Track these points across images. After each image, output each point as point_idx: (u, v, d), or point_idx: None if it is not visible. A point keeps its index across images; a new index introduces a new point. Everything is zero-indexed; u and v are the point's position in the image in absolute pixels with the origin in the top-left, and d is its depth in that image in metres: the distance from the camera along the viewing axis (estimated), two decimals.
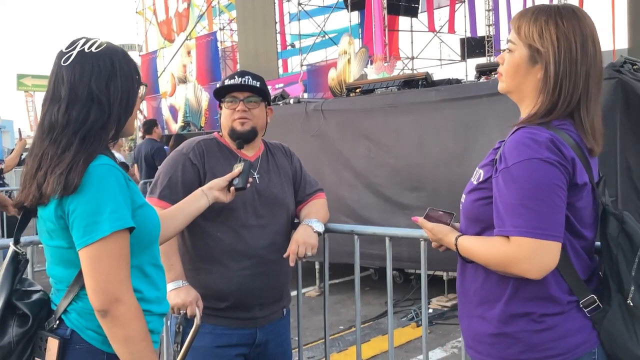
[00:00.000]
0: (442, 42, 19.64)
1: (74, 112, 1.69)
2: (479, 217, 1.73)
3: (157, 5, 23.07)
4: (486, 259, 1.69)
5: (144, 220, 1.76)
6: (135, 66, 1.84)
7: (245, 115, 2.56)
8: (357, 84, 7.73)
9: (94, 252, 1.62)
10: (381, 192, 6.44)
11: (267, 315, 2.61)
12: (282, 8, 19.82)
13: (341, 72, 12.29)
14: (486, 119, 5.56)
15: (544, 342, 1.65)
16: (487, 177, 1.71)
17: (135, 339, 1.66)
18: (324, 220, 2.71)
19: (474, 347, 1.79)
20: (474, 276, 1.77)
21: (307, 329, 5.26)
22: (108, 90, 1.73)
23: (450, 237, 1.83)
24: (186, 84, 20.78)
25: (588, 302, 1.67)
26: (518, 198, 1.59)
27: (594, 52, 1.69)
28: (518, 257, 1.59)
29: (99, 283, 1.62)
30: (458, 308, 1.89)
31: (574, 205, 1.64)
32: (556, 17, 1.68)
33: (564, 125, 1.67)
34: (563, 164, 1.60)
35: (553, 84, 1.67)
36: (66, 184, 1.61)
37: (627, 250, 1.65)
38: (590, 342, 1.67)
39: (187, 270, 2.52)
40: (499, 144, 1.73)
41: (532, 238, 1.57)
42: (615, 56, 8.75)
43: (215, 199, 2.30)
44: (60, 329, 1.72)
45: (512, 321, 1.68)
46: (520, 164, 1.59)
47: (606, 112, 4.90)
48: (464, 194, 1.81)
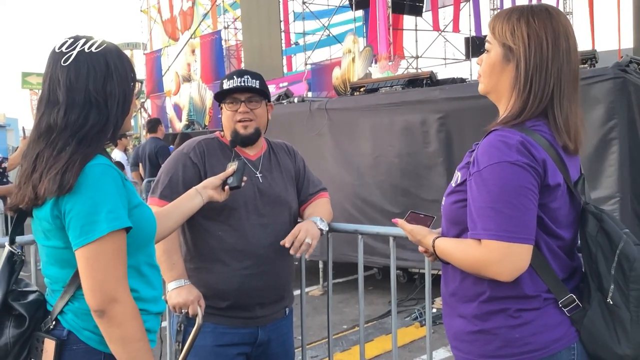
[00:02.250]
0: (447, 41, 19.59)
1: (72, 116, 1.68)
2: (457, 220, 1.75)
3: (161, 3, 23.06)
4: (460, 262, 1.72)
5: (140, 220, 1.75)
6: (130, 63, 1.82)
7: (247, 116, 2.56)
8: (362, 82, 7.71)
9: (91, 252, 1.61)
10: (385, 191, 6.42)
11: (269, 315, 2.60)
12: (286, 7, 19.81)
13: (345, 71, 12.26)
14: (490, 118, 5.52)
15: (522, 337, 1.67)
16: (463, 179, 1.72)
17: (132, 338, 1.65)
18: (328, 220, 2.70)
19: (456, 346, 1.81)
20: (453, 276, 1.80)
21: (311, 328, 5.25)
22: (105, 92, 1.72)
23: (428, 238, 1.85)
24: (190, 83, 20.77)
25: (567, 302, 1.68)
26: (489, 201, 1.61)
27: (567, 49, 1.70)
28: (489, 260, 1.61)
29: (95, 283, 1.61)
30: (442, 308, 1.90)
31: (548, 206, 1.65)
32: (528, 16, 1.71)
33: (537, 127, 1.68)
34: (533, 166, 1.61)
35: (524, 80, 1.69)
36: (61, 184, 1.60)
37: (606, 249, 1.65)
38: (569, 337, 1.68)
39: (188, 269, 2.51)
40: (475, 146, 1.74)
41: (501, 241, 1.59)
42: (620, 55, 8.71)
43: (209, 197, 2.28)
44: (56, 329, 1.71)
45: (489, 318, 1.70)
46: (491, 167, 1.61)
47: (612, 111, 4.94)
48: (444, 196, 1.83)
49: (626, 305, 1.63)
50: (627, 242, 1.63)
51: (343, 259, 5.86)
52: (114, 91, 1.74)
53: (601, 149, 4.95)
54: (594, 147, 4.88)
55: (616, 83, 4.90)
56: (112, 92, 1.73)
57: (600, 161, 4.93)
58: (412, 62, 19.24)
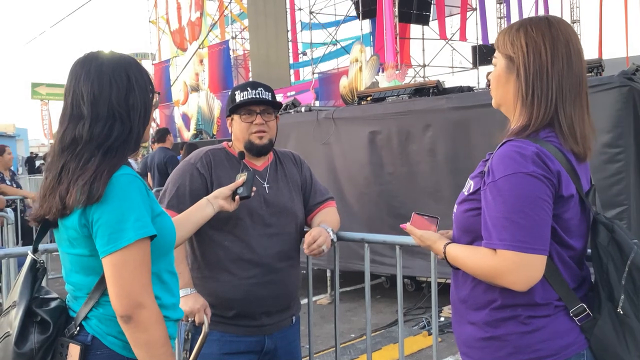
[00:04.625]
0: (454, 50, 19.63)
1: (97, 129, 1.73)
2: (470, 228, 1.76)
3: (170, 14, 23.22)
4: (473, 269, 1.73)
5: (162, 228, 1.79)
6: (148, 75, 1.88)
7: (263, 128, 2.59)
8: (369, 92, 7.72)
9: (119, 259, 1.65)
10: (392, 199, 6.43)
11: (275, 323, 2.61)
12: (294, 17, 19.91)
13: (352, 80, 12.29)
14: (498, 127, 5.53)
15: (532, 343, 1.68)
16: (476, 188, 1.73)
17: (157, 343, 1.69)
18: (336, 229, 2.71)
19: (466, 352, 1.82)
20: (463, 283, 1.81)
21: (318, 336, 5.25)
22: (127, 104, 1.77)
23: (439, 244, 1.86)
24: (198, 92, 20.88)
25: (578, 311, 1.69)
26: (504, 212, 1.62)
27: (567, 53, 1.71)
28: (504, 269, 1.62)
29: (122, 289, 1.65)
30: (452, 315, 1.91)
31: (561, 216, 1.67)
32: (527, 26, 1.75)
33: (550, 137, 1.70)
34: (548, 177, 1.62)
35: (525, 87, 1.72)
36: (90, 194, 1.64)
37: (617, 259, 1.66)
38: (579, 343, 1.69)
39: (195, 277, 2.54)
40: (488, 155, 1.76)
41: (516, 252, 1.60)
42: (628, 63, 8.69)
43: (220, 207, 2.32)
44: (80, 335, 1.74)
45: (500, 324, 1.71)
46: (507, 178, 1.62)
47: (617, 119, 4.93)
48: (456, 204, 1.84)
49: (636, 315, 1.65)
50: (637, 253, 1.65)
51: (350, 267, 5.87)
52: (135, 103, 1.79)
53: (607, 158, 4.94)
54: (599, 156, 4.87)
55: (622, 91, 4.89)
56: (134, 104, 1.79)
57: (606, 170, 4.92)
58: (419, 70, 19.29)
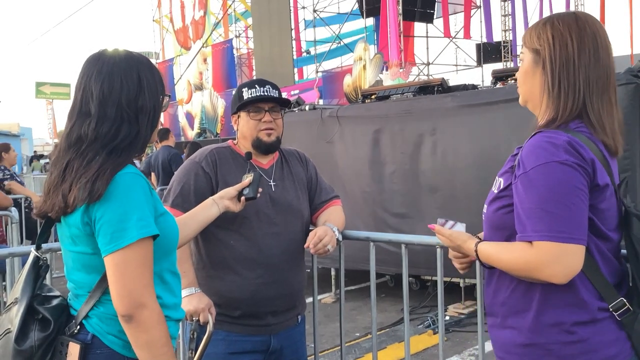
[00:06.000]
0: (458, 48, 19.58)
1: (103, 129, 1.72)
2: (502, 226, 1.71)
3: (173, 13, 23.24)
4: (509, 265, 1.67)
5: (165, 228, 1.78)
6: (160, 76, 1.86)
7: (271, 125, 2.58)
8: (373, 90, 7.72)
9: (121, 258, 1.64)
10: (397, 198, 6.42)
11: (281, 322, 2.60)
12: (297, 15, 19.89)
13: (356, 79, 12.27)
14: (502, 125, 5.52)
15: (576, 354, 1.63)
16: (507, 184, 1.69)
17: (158, 343, 1.67)
18: (341, 228, 2.70)
19: (503, 357, 1.76)
20: (501, 286, 1.75)
21: (323, 335, 5.24)
22: (136, 106, 1.76)
23: (469, 243, 1.81)
24: (202, 91, 20.90)
25: (618, 306, 1.64)
26: (538, 202, 1.57)
27: (595, 47, 1.69)
28: (541, 262, 1.57)
29: (124, 288, 1.64)
30: (487, 318, 1.85)
31: (597, 207, 1.62)
32: (553, 20, 1.74)
33: (581, 127, 1.67)
34: (582, 166, 1.58)
35: (551, 80, 1.70)
36: (91, 192, 1.63)
37: None
38: (624, 354, 1.64)
39: (200, 277, 2.53)
40: (517, 150, 1.72)
41: (554, 242, 1.55)
42: (633, 61, 8.67)
43: (225, 208, 2.30)
44: (81, 333, 1.73)
45: (543, 331, 1.65)
46: (539, 168, 1.58)
47: (625, 117, 4.89)
48: (485, 204, 1.79)
49: None
50: None
51: (355, 266, 5.86)
52: (145, 105, 1.77)
53: None
54: None
55: (628, 89, 4.87)
56: (144, 107, 1.77)
57: None
58: (423, 68, 19.24)
